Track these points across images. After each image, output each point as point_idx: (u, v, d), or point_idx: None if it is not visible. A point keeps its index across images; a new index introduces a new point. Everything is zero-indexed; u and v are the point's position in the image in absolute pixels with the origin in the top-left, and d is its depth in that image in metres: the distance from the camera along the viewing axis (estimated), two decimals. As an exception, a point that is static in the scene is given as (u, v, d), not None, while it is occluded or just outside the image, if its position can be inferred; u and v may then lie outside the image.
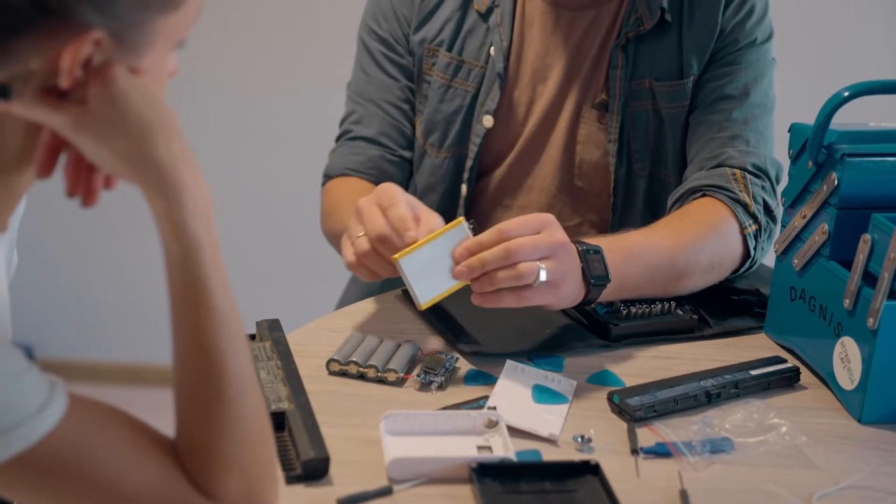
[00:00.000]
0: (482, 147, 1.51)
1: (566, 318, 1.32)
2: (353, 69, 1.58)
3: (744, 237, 1.38)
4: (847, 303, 1.15)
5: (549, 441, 1.07)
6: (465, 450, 1.03)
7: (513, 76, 1.50)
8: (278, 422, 1.04)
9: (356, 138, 1.53)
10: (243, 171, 2.79)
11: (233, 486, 0.82)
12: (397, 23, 1.52)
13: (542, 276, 1.15)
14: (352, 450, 1.03)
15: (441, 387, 1.16)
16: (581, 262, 1.21)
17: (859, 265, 1.14)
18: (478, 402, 1.12)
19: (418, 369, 1.19)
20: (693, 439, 1.07)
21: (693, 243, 1.33)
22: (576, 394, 1.16)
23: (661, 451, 1.06)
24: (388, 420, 1.05)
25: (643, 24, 1.45)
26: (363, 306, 1.36)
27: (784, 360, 1.22)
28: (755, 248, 1.39)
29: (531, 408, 1.12)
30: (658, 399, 1.12)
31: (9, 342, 0.80)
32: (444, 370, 1.18)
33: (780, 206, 1.39)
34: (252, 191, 2.80)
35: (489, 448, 1.04)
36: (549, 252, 1.16)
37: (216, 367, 0.81)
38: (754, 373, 1.19)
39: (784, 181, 1.33)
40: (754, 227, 1.38)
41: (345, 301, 1.65)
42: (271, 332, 1.22)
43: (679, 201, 1.43)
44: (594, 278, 1.22)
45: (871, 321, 1.11)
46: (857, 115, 1.26)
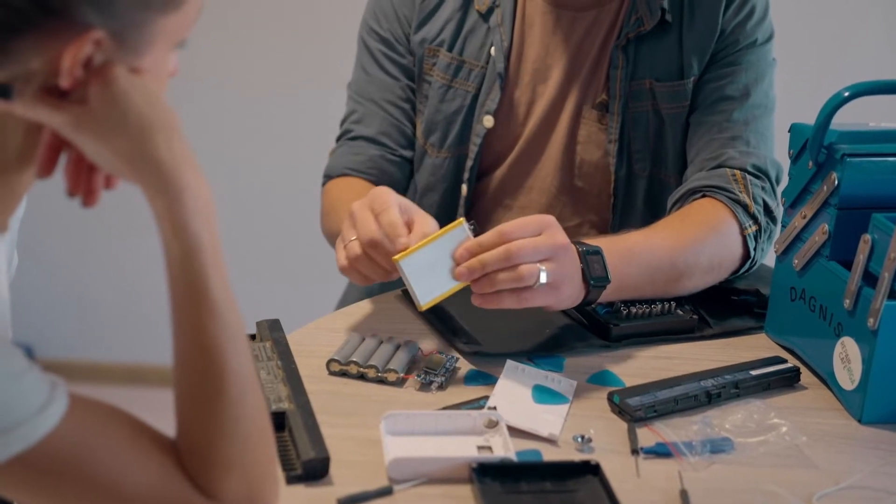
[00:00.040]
0: (482, 147, 1.51)
1: (566, 318, 1.32)
2: (354, 69, 1.58)
3: (744, 238, 1.37)
4: (847, 303, 1.15)
5: (550, 441, 1.07)
6: (466, 450, 1.03)
7: (513, 76, 1.50)
8: (279, 422, 1.04)
9: (357, 138, 1.53)
10: (243, 171, 2.79)
11: (233, 486, 0.82)
12: (398, 22, 1.52)
13: (543, 278, 1.15)
14: (352, 450, 1.03)
15: (441, 387, 1.16)
16: (581, 264, 1.21)
17: (859, 265, 1.14)
18: (478, 403, 1.12)
19: (418, 369, 1.19)
20: (693, 439, 1.07)
21: (693, 244, 1.33)
22: (576, 394, 1.16)
23: (662, 451, 1.06)
24: (388, 420, 1.05)
25: (644, 24, 1.45)
26: (363, 306, 1.36)
27: (784, 361, 1.22)
28: (755, 249, 1.39)
29: (531, 408, 1.12)
30: (658, 399, 1.12)
31: (9, 342, 0.80)
32: (444, 370, 1.18)
33: (780, 207, 1.39)
34: (252, 191, 2.80)
35: (489, 448, 1.04)
36: (549, 254, 1.16)
37: (217, 367, 0.81)
38: (754, 373, 1.19)
39: (784, 181, 1.33)
40: (754, 228, 1.38)
41: (345, 301, 1.65)
42: (271, 332, 1.22)
43: (679, 202, 1.43)
44: (594, 279, 1.22)
45: (871, 321, 1.11)
46: (858, 116, 1.26)
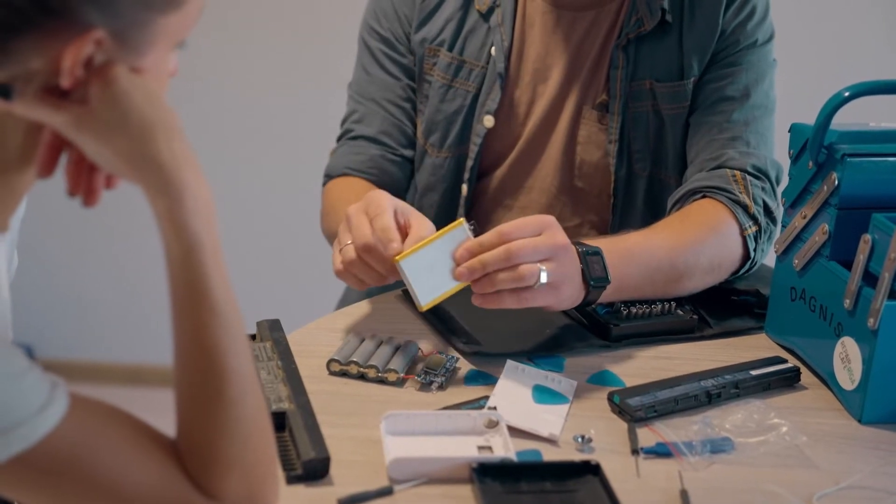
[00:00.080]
0: (483, 147, 1.51)
1: (566, 318, 1.32)
2: (355, 69, 1.58)
3: (744, 239, 1.37)
4: (847, 303, 1.15)
5: (550, 441, 1.07)
6: (466, 450, 1.03)
7: (513, 76, 1.50)
8: (279, 422, 1.04)
9: (357, 137, 1.53)
10: (243, 171, 2.79)
11: (234, 487, 0.82)
12: (398, 22, 1.52)
13: (543, 278, 1.15)
14: (352, 450, 1.03)
15: (441, 387, 1.16)
16: (581, 264, 1.21)
17: (860, 265, 1.14)
18: (478, 403, 1.12)
19: (419, 369, 1.19)
20: (693, 439, 1.07)
21: (693, 245, 1.33)
22: (576, 394, 1.16)
23: (662, 451, 1.06)
24: (388, 420, 1.05)
25: (644, 24, 1.45)
26: (363, 307, 1.36)
27: (784, 361, 1.22)
28: (755, 250, 1.39)
29: (531, 408, 1.12)
30: (658, 399, 1.12)
31: (10, 342, 0.80)
32: (444, 370, 1.18)
33: (780, 208, 1.39)
34: (252, 191, 2.80)
35: (490, 448, 1.04)
36: (549, 254, 1.16)
37: (217, 367, 0.81)
38: (754, 373, 1.19)
39: (784, 182, 1.33)
40: (754, 229, 1.38)
41: (345, 301, 1.65)
42: (272, 333, 1.22)
43: (679, 202, 1.43)
44: (594, 280, 1.22)
45: (871, 321, 1.11)
46: (858, 116, 1.26)
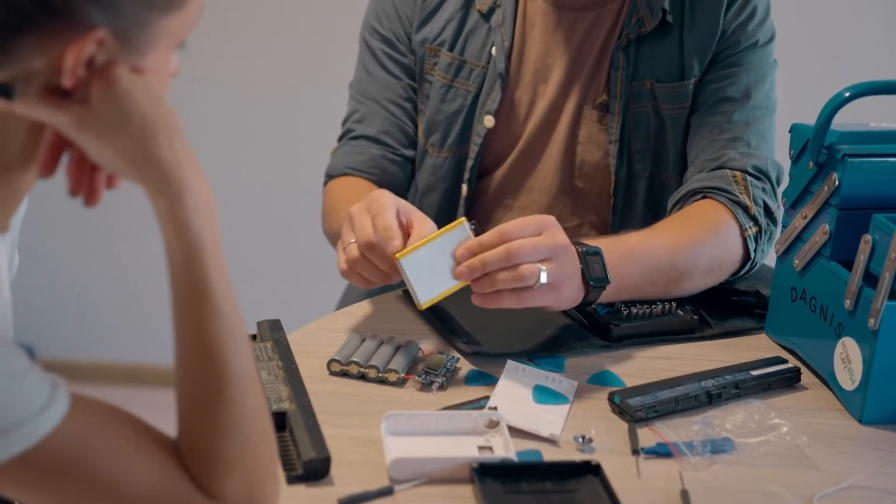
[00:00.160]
0: (483, 147, 1.51)
1: (567, 318, 1.32)
2: (356, 68, 1.58)
3: (744, 239, 1.37)
4: (848, 303, 1.15)
5: (550, 441, 1.07)
6: (466, 450, 1.03)
7: (514, 76, 1.50)
8: (279, 422, 1.04)
9: (358, 137, 1.53)
10: (243, 171, 2.79)
11: (234, 487, 0.82)
12: (399, 22, 1.52)
13: (543, 278, 1.15)
14: (353, 450, 1.03)
15: (442, 387, 1.16)
16: (581, 264, 1.21)
17: (860, 265, 1.14)
18: (479, 403, 1.12)
19: (419, 370, 1.19)
20: (694, 439, 1.07)
21: (693, 245, 1.33)
22: (576, 394, 1.16)
23: (662, 452, 1.06)
24: (389, 420, 1.05)
25: (644, 25, 1.45)
26: (364, 307, 1.36)
27: (785, 361, 1.23)
28: (755, 251, 1.39)
29: (532, 408, 1.12)
30: (659, 399, 1.12)
31: (10, 342, 0.80)
32: (444, 370, 1.18)
33: (780, 208, 1.39)
34: (252, 191, 2.80)
35: (490, 448, 1.04)
36: (549, 254, 1.16)
37: (218, 367, 0.81)
38: (755, 373, 1.19)
39: (785, 182, 1.33)
40: (754, 230, 1.38)
41: (346, 301, 1.65)
42: (272, 333, 1.22)
43: (679, 203, 1.43)
44: (593, 280, 1.22)
45: (871, 321, 1.11)
46: (858, 116, 1.26)
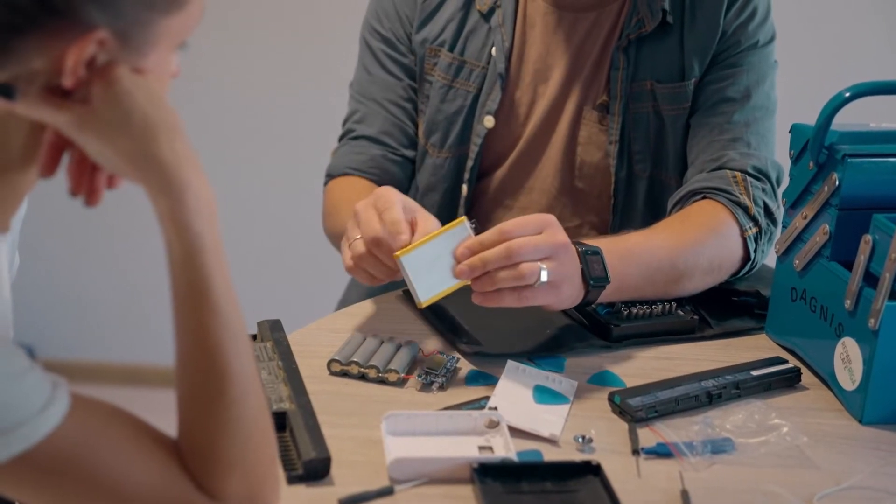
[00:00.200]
0: (483, 147, 1.51)
1: (567, 318, 1.32)
2: (356, 69, 1.58)
3: (744, 240, 1.37)
4: (848, 303, 1.15)
5: (550, 441, 1.07)
6: (467, 450, 1.03)
7: (514, 77, 1.50)
8: (280, 422, 1.04)
9: (358, 137, 1.53)
10: (243, 171, 2.79)
11: (235, 486, 0.82)
12: (399, 22, 1.52)
13: (543, 277, 1.15)
14: (353, 450, 1.03)
15: (442, 387, 1.16)
16: (581, 264, 1.21)
17: (860, 266, 1.14)
18: (479, 403, 1.12)
19: (419, 370, 1.19)
20: (694, 440, 1.07)
21: (693, 245, 1.33)
22: (577, 394, 1.16)
23: (662, 452, 1.06)
24: (389, 420, 1.05)
25: (645, 25, 1.45)
26: (364, 307, 1.36)
27: (785, 361, 1.23)
28: (755, 251, 1.39)
29: (532, 408, 1.12)
30: (659, 399, 1.12)
31: (11, 342, 0.80)
32: (445, 371, 1.18)
33: (780, 209, 1.39)
34: (252, 191, 2.80)
35: (490, 448, 1.04)
36: (550, 253, 1.16)
37: (219, 367, 0.81)
38: (755, 373, 1.19)
39: (785, 183, 1.33)
40: (754, 230, 1.38)
41: (346, 301, 1.65)
42: (272, 333, 1.22)
43: (679, 203, 1.43)
44: (593, 279, 1.22)
45: (872, 322, 1.11)
46: (858, 116, 1.26)
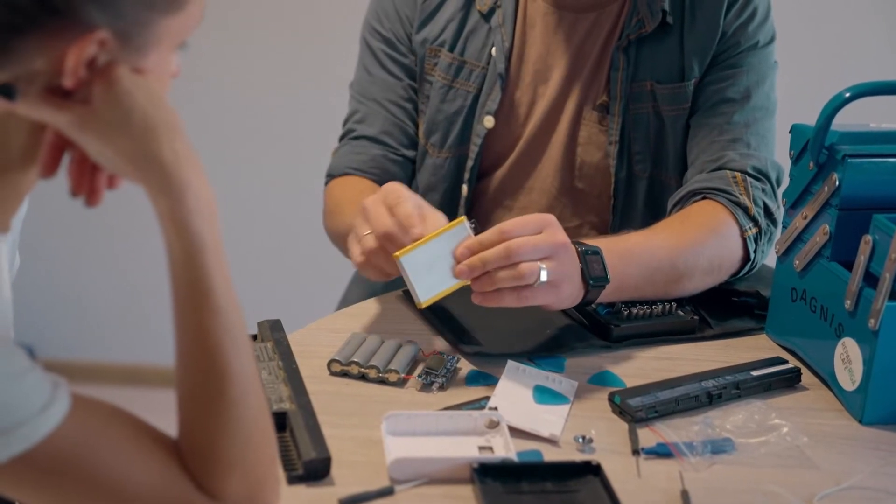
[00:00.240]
0: (483, 147, 1.51)
1: (567, 318, 1.32)
2: (357, 69, 1.58)
3: (744, 240, 1.37)
4: (848, 304, 1.15)
5: (551, 441, 1.07)
6: (467, 450, 1.03)
7: (514, 77, 1.50)
8: (280, 422, 1.04)
9: (359, 137, 1.53)
10: (243, 171, 2.79)
11: (235, 487, 0.82)
12: (400, 22, 1.52)
13: (543, 277, 1.15)
14: (353, 450, 1.04)
15: (442, 387, 1.16)
16: (580, 263, 1.21)
17: (860, 266, 1.14)
18: (479, 403, 1.12)
19: (419, 370, 1.19)
20: (694, 440, 1.07)
21: (693, 245, 1.33)
22: (577, 394, 1.16)
23: (663, 452, 1.06)
24: (389, 420, 1.05)
25: (644, 26, 1.45)
26: (364, 307, 1.36)
27: (785, 361, 1.23)
28: (755, 252, 1.39)
29: (532, 408, 1.12)
30: (659, 400, 1.12)
31: (11, 342, 0.80)
32: (445, 371, 1.18)
33: (780, 209, 1.39)
34: (252, 191, 2.80)
35: (490, 448, 1.04)
36: (549, 252, 1.16)
37: (219, 367, 0.81)
38: (755, 373, 1.19)
39: (785, 183, 1.33)
40: (754, 231, 1.38)
41: (346, 301, 1.65)
42: (273, 333, 1.22)
43: (679, 204, 1.43)
44: (593, 279, 1.22)
45: (872, 322, 1.11)
46: (859, 116, 1.26)
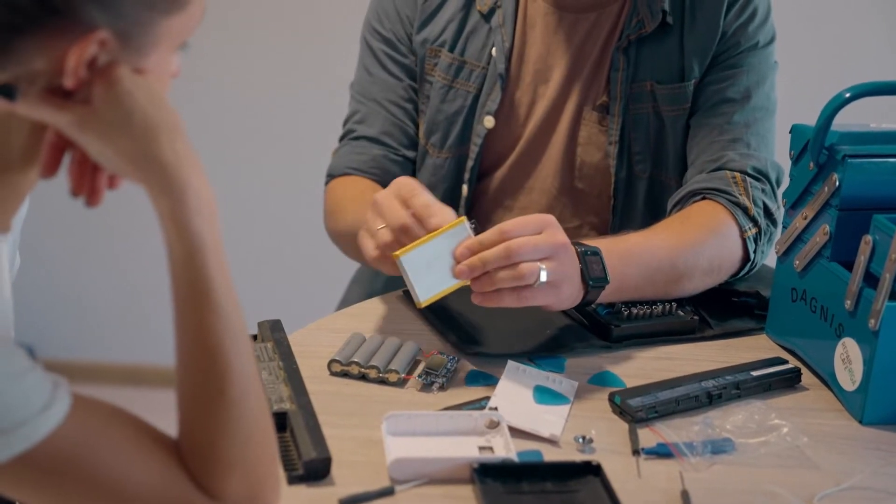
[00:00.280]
0: (483, 148, 1.51)
1: (567, 318, 1.32)
2: (357, 69, 1.57)
3: (743, 241, 1.37)
4: (848, 304, 1.15)
5: (551, 442, 1.07)
6: (467, 450, 1.03)
7: (514, 77, 1.50)
8: (280, 422, 1.04)
9: (359, 138, 1.53)
10: (243, 171, 2.79)
11: (235, 487, 0.82)
12: (400, 23, 1.52)
13: (543, 277, 1.15)
14: (353, 450, 1.04)
15: (442, 387, 1.16)
16: (580, 264, 1.21)
17: (860, 266, 1.14)
18: (479, 403, 1.12)
19: (420, 370, 1.19)
20: (694, 440, 1.07)
21: (693, 246, 1.33)
22: (577, 394, 1.16)
23: (663, 452, 1.06)
24: (389, 421, 1.05)
25: (645, 26, 1.45)
26: (365, 307, 1.36)
27: (785, 361, 1.23)
28: (755, 252, 1.39)
29: (532, 408, 1.12)
30: (659, 400, 1.12)
31: (11, 342, 0.80)
32: (445, 371, 1.18)
33: (780, 209, 1.39)
34: (252, 191, 2.80)
35: (490, 448, 1.04)
36: (549, 253, 1.16)
37: (219, 367, 0.81)
38: (755, 374, 1.19)
39: (785, 183, 1.33)
40: (754, 231, 1.38)
41: (346, 301, 1.65)
42: (273, 333, 1.22)
43: (679, 204, 1.43)
44: (592, 280, 1.22)
45: (872, 322, 1.11)
46: (859, 117, 1.26)
